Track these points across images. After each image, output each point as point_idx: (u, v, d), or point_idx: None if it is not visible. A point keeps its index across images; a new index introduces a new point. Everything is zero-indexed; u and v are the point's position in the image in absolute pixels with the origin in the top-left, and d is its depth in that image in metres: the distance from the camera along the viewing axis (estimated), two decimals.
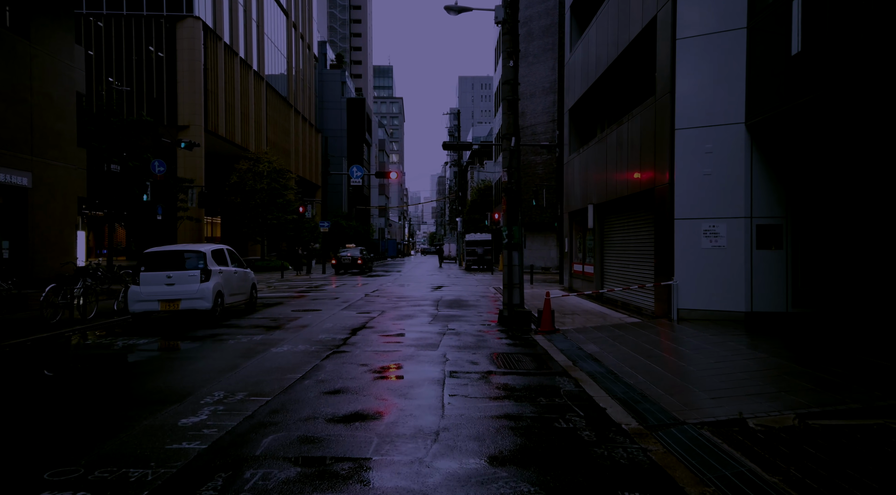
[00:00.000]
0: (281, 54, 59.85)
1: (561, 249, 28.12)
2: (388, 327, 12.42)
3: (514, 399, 6.62)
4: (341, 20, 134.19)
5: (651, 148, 13.34)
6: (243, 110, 48.22)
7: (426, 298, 19.40)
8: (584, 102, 20.72)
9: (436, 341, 10.58)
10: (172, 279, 12.55)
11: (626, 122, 15.18)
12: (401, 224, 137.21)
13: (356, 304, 17.14)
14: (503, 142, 13.06)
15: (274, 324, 12.86)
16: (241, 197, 40.25)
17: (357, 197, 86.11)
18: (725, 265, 11.57)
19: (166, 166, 26.78)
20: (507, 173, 12.94)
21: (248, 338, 10.90)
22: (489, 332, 11.84)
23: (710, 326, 11.18)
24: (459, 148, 25.73)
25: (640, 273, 14.96)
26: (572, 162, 21.80)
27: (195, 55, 40.35)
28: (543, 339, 10.95)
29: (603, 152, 17.49)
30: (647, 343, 10.03)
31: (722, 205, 11.61)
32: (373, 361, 8.75)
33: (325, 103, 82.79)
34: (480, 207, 63.36)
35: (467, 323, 13.26)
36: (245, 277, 15.10)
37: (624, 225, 16.25)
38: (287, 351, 9.57)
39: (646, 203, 14.28)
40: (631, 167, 14.77)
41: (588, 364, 8.62)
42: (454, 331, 11.82)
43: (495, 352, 9.66)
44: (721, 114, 11.57)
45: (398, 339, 10.85)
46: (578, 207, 20.78)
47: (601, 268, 18.41)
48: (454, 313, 15.10)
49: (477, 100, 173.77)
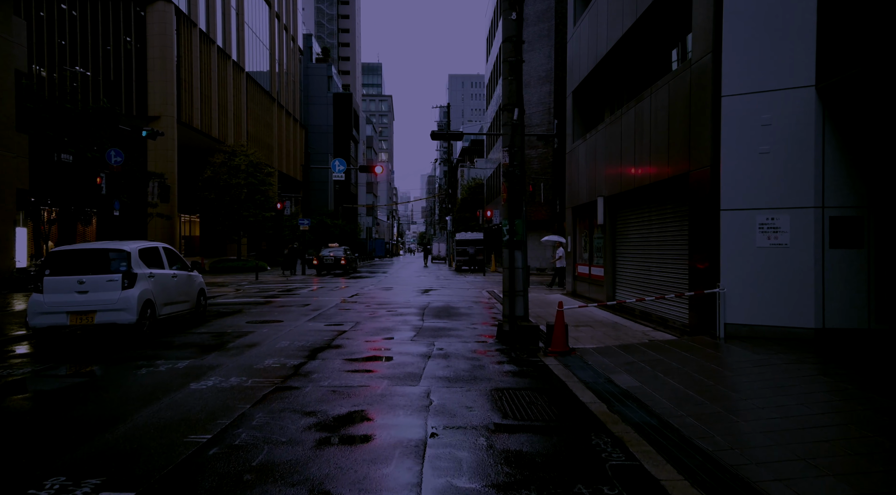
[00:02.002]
0: (263, 45, 57.05)
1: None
2: (358, 347, 9.84)
3: (536, 490, 4.08)
4: (329, 15, 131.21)
5: (684, 124, 10.84)
6: (221, 102, 45.42)
7: (411, 305, 16.85)
8: (591, 82, 18.23)
9: (418, 370, 8.02)
10: (86, 285, 9.91)
11: (648, 97, 12.69)
12: (389, 223, 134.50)
13: (327, 313, 14.54)
14: (503, 115, 10.52)
15: (215, 342, 10.25)
16: (216, 193, 37.52)
17: (344, 195, 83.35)
18: (788, 268, 9.08)
19: (124, 156, 24.03)
20: (507, 153, 10.40)
21: (169, 365, 8.29)
22: (486, 353, 9.30)
23: (772, 347, 8.69)
24: (449, 138, 23.14)
25: (665, 277, 12.47)
26: (576, 151, 19.31)
27: (167, 41, 37.53)
28: (557, 364, 8.43)
29: (616, 136, 15.00)
30: (700, 372, 7.53)
31: (783, 192, 9.13)
32: (325, 407, 6.17)
33: (310, 98, 79.90)
34: (471, 206, 60.85)
35: (458, 339, 10.71)
36: (188, 282, 12.47)
37: (644, 220, 13.76)
38: (211, 387, 6.98)
39: (675, 192, 11.80)
40: (655, 150, 12.28)
41: (630, 409, 6.09)
42: (442, 353, 9.27)
43: (497, 386, 7.11)
44: (783, 74, 9.08)
45: (369, 367, 8.28)
46: (584, 201, 18.29)
47: (613, 270, 15.92)
48: (443, 325, 12.56)
49: (467, 98, 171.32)
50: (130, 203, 30.04)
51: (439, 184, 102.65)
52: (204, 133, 42.10)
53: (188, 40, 39.95)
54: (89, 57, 37.21)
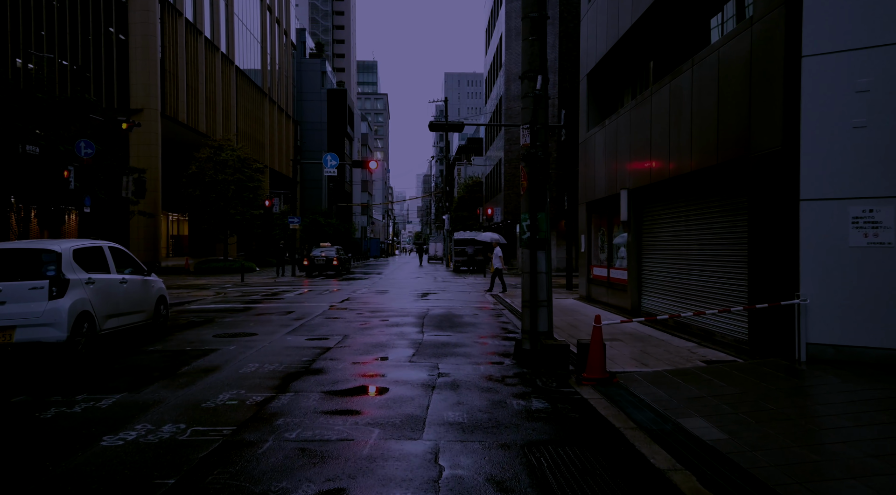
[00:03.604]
0: (254, 38, 54.94)
1: (569, 249, 23.69)
2: (344, 373, 7.85)
3: None
4: (323, 11, 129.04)
5: (742, 97, 8.89)
6: (209, 96, 43.30)
7: (408, 312, 14.87)
8: (609, 62, 16.28)
9: (419, 409, 6.04)
10: (3, 295, 7.90)
11: (689, 70, 10.74)
12: (385, 223, 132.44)
13: (311, 324, 12.55)
14: (523, 85, 8.55)
15: (166, 364, 8.25)
16: (201, 189, 35.43)
17: (338, 194, 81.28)
18: (893, 274, 7.14)
19: (95, 148, 21.98)
20: (528, 132, 8.43)
21: (90, 403, 6.27)
22: (505, 381, 7.32)
23: (878, 378, 6.74)
24: (448, 128, 21.45)
25: (709, 283, 10.53)
26: (591, 140, 17.36)
27: (150, 30, 35.43)
28: (599, 399, 6.47)
29: (643, 119, 13.05)
30: (804, 417, 5.57)
31: (885, 177, 7.19)
32: (286, 483, 4.19)
33: (303, 94, 77.76)
34: (469, 204, 58.90)
35: (466, 359, 8.75)
36: (143, 288, 10.46)
37: (680, 215, 11.81)
38: (130, 443, 4.98)
39: (725, 182, 9.86)
40: (699, 132, 10.33)
41: (736, 487, 4.13)
42: (449, 380, 7.30)
43: (530, 438, 5.15)
44: (889, 25, 7.14)
45: (355, 404, 6.30)
46: (601, 196, 16.35)
47: (638, 273, 13.97)
48: (446, 339, 10.59)
49: (464, 97, 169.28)
50: (108, 200, 28.01)
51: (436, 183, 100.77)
52: (190, 127, 40.01)
53: (173, 30, 37.86)
54: (68, 47, 35.12)
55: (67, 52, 35.03)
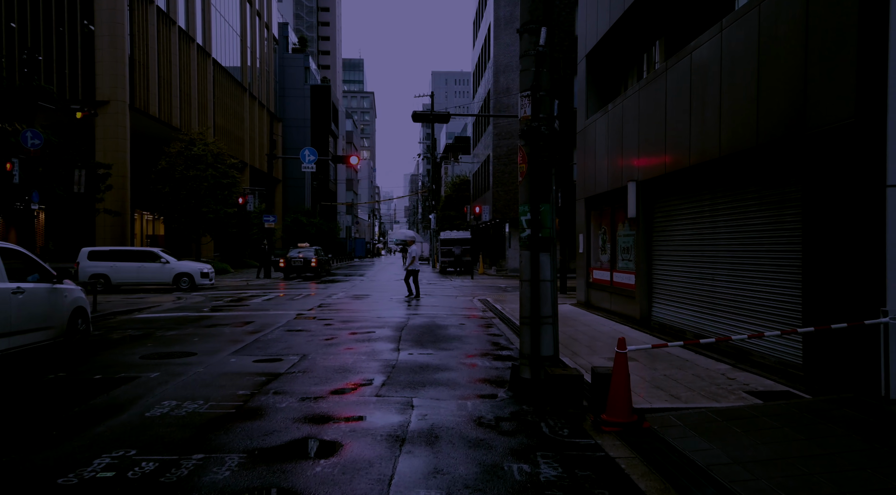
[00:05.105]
0: (233, 31, 52.69)
1: (563, 249, 21.87)
2: (283, 417, 5.92)
3: None
4: (308, 7, 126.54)
5: (796, 57, 7.08)
6: (184, 89, 41.06)
7: (385, 322, 12.97)
8: (612, 40, 14.47)
9: (376, 490, 4.14)
10: None
11: (719, 34, 8.93)
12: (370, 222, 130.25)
13: (268, 339, 10.61)
14: (522, 41, 6.68)
15: (55, 401, 6.28)
16: (171, 186, 33.28)
17: (322, 193, 79.17)
18: None
19: (43, 139, 19.90)
20: (528, 101, 6.56)
21: None
22: (501, 432, 5.44)
23: None
24: (434, 119, 19.50)
25: (742, 289, 8.71)
26: (591, 129, 15.54)
27: (117, 17, 33.20)
28: (633, 460, 4.64)
29: (657, 99, 11.24)
30: None
31: None
32: None
33: (286, 91, 75.42)
34: (456, 204, 57.04)
35: (450, 389, 6.87)
36: (50, 299, 8.48)
37: (704, 210, 9.99)
38: None
39: (770, 166, 8.05)
40: (734, 107, 8.51)
41: None
42: (425, 430, 5.40)
43: None
44: None
45: (284, 480, 4.39)
46: (603, 190, 14.54)
47: (648, 277, 12.16)
48: (426, 359, 8.71)
49: (451, 96, 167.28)
50: (67, 197, 25.88)
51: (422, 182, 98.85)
52: (163, 122, 37.78)
53: (144, 19, 35.64)
54: (28, 35, 32.85)
55: (28, 39, 32.76)
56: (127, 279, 21.92)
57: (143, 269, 22.01)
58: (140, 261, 22.11)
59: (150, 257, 22.25)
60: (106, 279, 21.50)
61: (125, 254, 22.29)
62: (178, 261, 22.58)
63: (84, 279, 21.01)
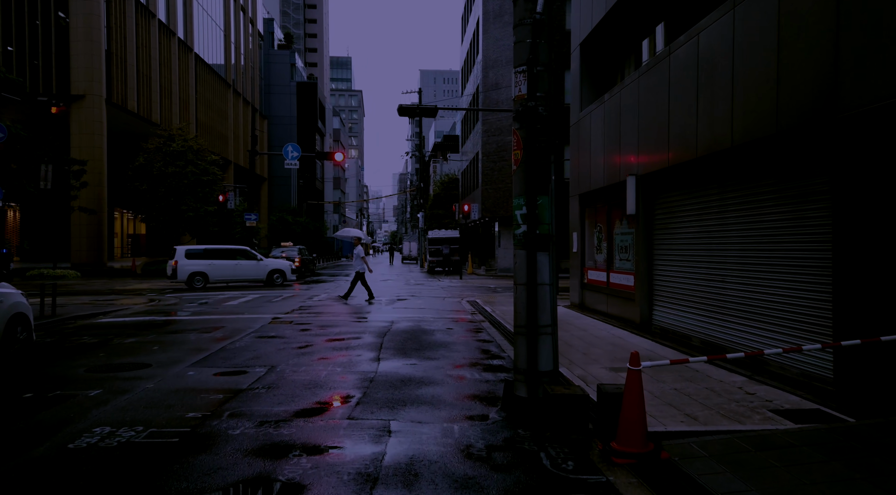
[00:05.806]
0: (216, 26, 51.46)
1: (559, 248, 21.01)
2: (235, 449, 5.00)
3: None
4: (295, 4, 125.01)
5: (824, 33, 6.24)
6: (164, 84, 39.85)
7: (367, 327, 12.06)
8: (608, 27, 13.64)
9: None
10: None
11: (731, 11, 8.09)
12: (358, 221, 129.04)
13: (236, 347, 9.66)
14: (516, 8, 5.78)
15: None
16: (149, 183, 32.11)
17: (309, 191, 78.00)
18: None
19: (7, 132, 18.83)
20: (524, 78, 5.68)
21: None
22: (494, 466, 4.56)
23: None
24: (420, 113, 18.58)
25: (756, 292, 7.88)
26: (586, 121, 14.70)
27: (93, 8, 32.01)
28: None
29: (659, 87, 10.40)
30: None
31: None
32: None
33: (271, 87, 74.10)
34: (444, 202, 56.19)
35: (435, 410, 5.98)
36: None
37: (712, 205, 9.15)
38: None
39: (791, 156, 7.22)
40: (748, 91, 7.67)
41: None
42: (402, 467, 4.49)
43: None
44: None
45: None
46: (599, 186, 13.70)
47: (649, 279, 11.33)
48: (409, 371, 7.81)
49: (440, 94, 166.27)
50: (38, 193, 24.76)
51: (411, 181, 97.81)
52: (143, 117, 36.59)
53: (121, 11, 34.41)
54: None
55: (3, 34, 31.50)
56: (224, 276, 22.99)
57: (239, 267, 23.19)
58: (236, 258, 23.25)
59: (245, 255, 23.42)
60: (204, 276, 22.51)
61: (220, 253, 23.26)
62: (270, 259, 24.06)
63: (183, 278, 22.28)
